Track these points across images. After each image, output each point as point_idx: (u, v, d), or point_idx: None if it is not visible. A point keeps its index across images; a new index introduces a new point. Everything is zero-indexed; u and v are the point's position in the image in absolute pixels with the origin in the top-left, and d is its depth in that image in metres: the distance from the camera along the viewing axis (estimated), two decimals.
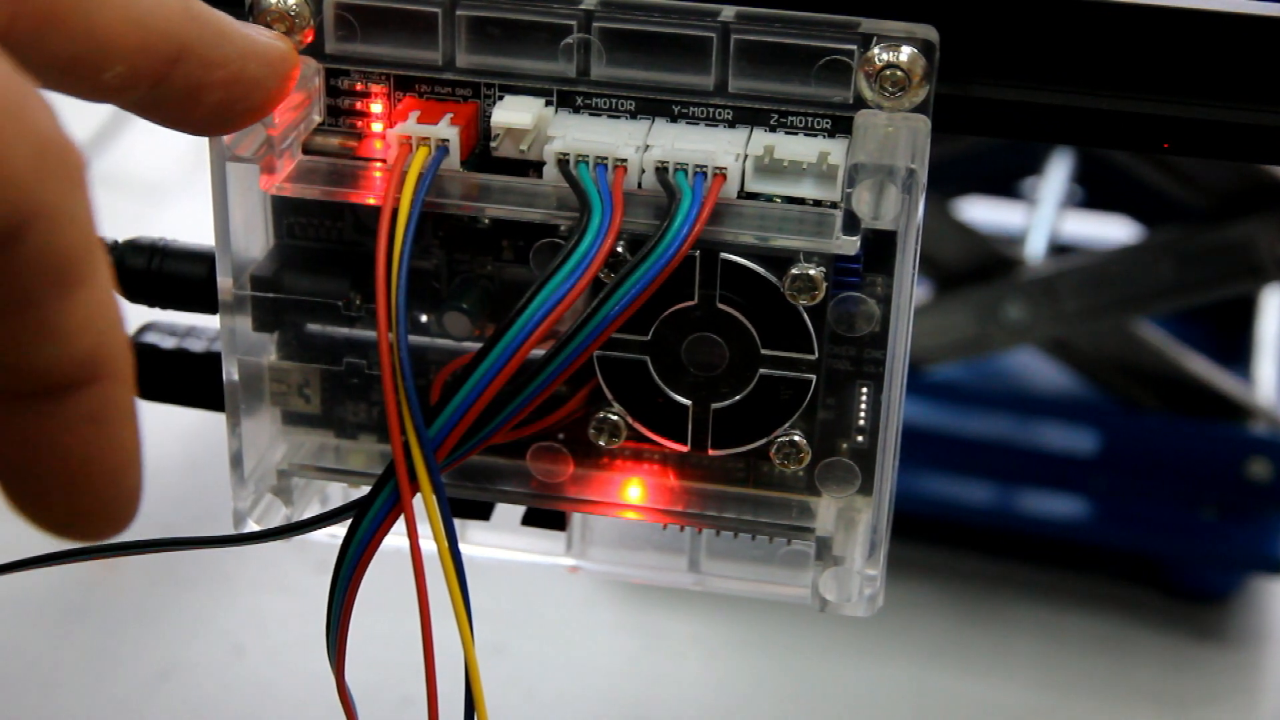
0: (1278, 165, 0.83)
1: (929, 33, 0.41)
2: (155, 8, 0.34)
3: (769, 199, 0.42)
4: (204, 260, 0.47)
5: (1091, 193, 1.07)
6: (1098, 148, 0.92)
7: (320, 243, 0.46)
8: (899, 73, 0.41)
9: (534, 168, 0.43)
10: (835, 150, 0.41)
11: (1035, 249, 0.95)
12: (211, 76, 0.36)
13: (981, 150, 1.00)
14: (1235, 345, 1.02)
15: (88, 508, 0.30)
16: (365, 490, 0.41)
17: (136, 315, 0.50)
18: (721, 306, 0.43)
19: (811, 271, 0.42)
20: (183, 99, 0.36)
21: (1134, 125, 0.43)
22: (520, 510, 0.48)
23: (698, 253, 0.42)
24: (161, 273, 0.48)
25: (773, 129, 0.42)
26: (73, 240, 0.28)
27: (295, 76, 0.40)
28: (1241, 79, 0.42)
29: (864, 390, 0.44)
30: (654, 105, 0.43)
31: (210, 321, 0.47)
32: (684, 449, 0.45)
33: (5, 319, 0.28)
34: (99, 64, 0.33)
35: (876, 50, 0.41)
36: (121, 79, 0.34)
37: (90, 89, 0.34)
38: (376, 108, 0.44)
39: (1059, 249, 0.98)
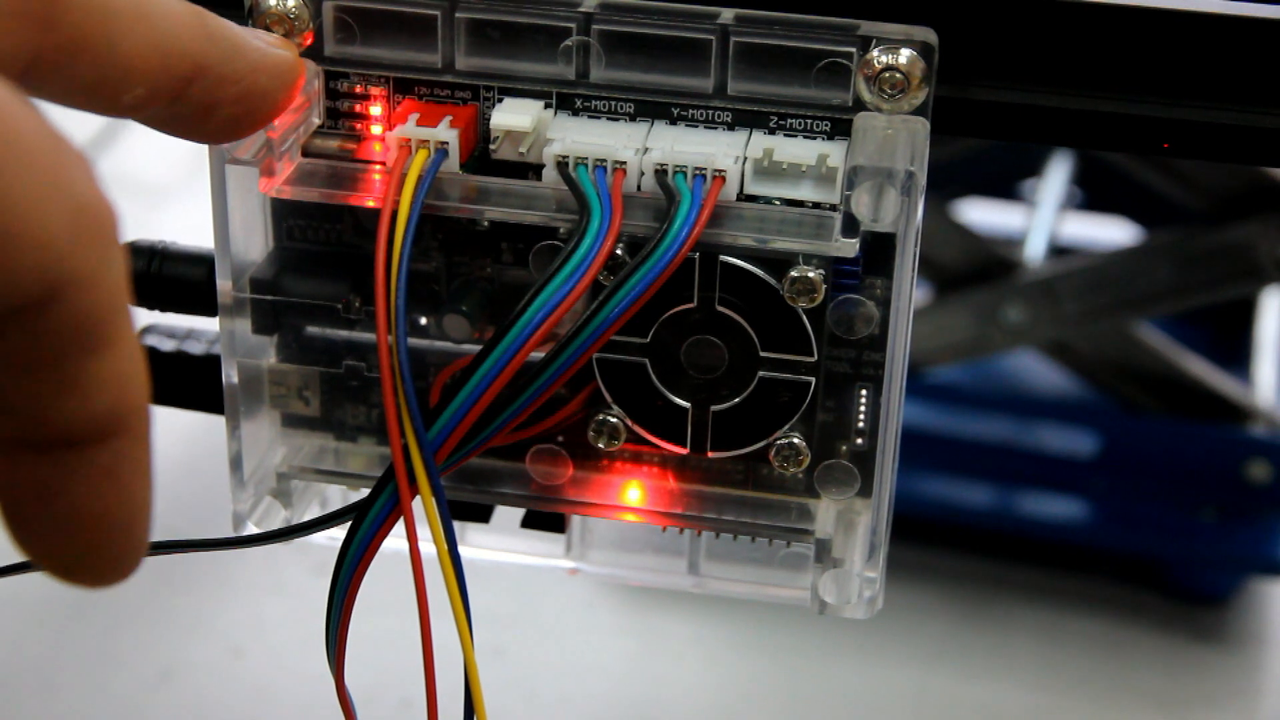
0: (1277, 167, 0.83)
1: (928, 35, 0.41)
2: (176, 30, 0.34)
3: (768, 201, 0.42)
4: (203, 263, 0.47)
5: (1091, 195, 1.07)
6: (1097, 150, 0.92)
7: (320, 245, 0.46)
8: (898, 75, 0.41)
9: (533, 170, 0.43)
10: (834, 152, 0.41)
11: (1035, 251, 0.95)
12: (225, 92, 0.37)
13: (981, 152, 1.00)
14: (1234, 347, 1.02)
15: (94, 557, 0.31)
16: (365, 493, 0.41)
17: (136, 318, 0.50)
18: (721, 309, 0.43)
19: (811, 274, 0.42)
20: (197, 114, 0.36)
21: (1133, 127, 0.43)
22: (520, 513, 0.48)
23: (697, 255, 0.42)
24: (161, 275, 0.48)
25: (772, 131, 0.42)
26: (103, 303, 0.28)
27: (301, 85, 0.40)
28: (1240, 81, 0.42)
29: (863, 392, 0.44)
30: (653, 108, 0.43)
31: (210, 324, 0.47)
32: (683, 451, 0.45)
33: (31, 375, 0.28)
34: (121, 87, 0.34)
35: (875, 53, 0.41)
36: (141, 99, 0.34)
37: (109, 109, 0.34)
38: (376, 110, 0.44)
39: (1058, 251, 0.98)
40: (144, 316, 0.49)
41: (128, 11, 0.33)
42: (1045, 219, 0.98)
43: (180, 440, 0.98)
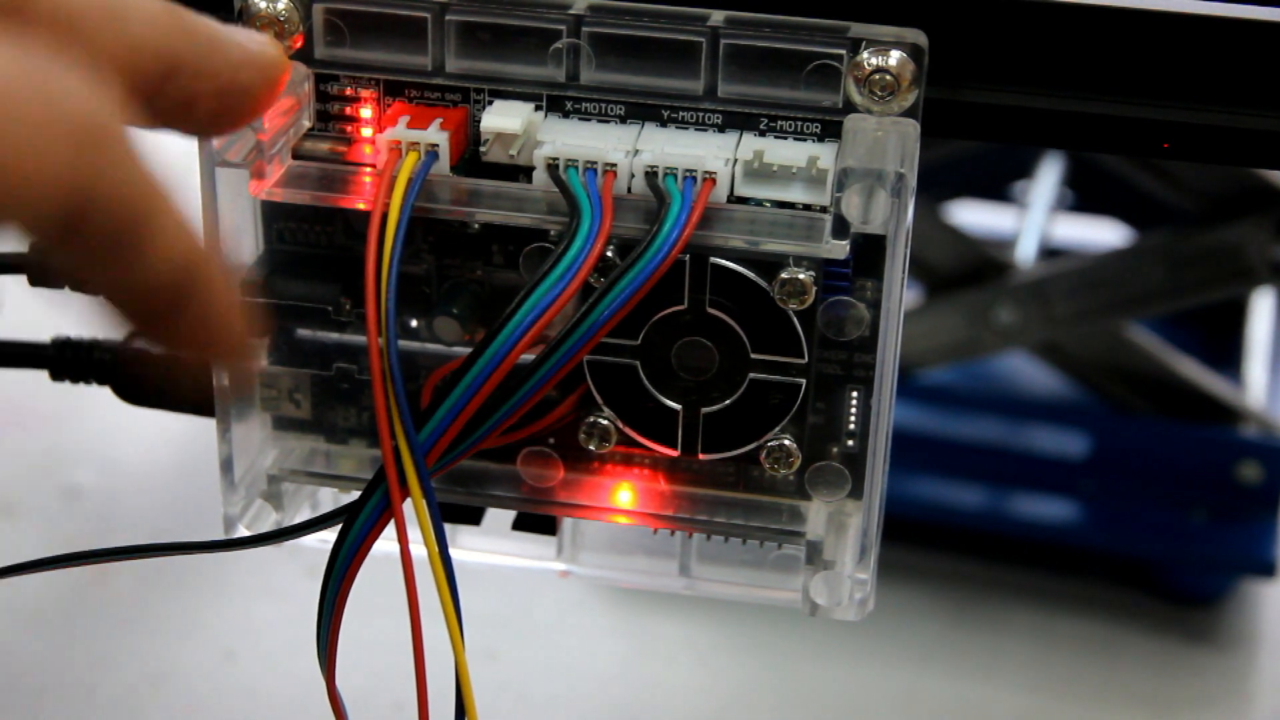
0: (1268, 169, 0.83)
1: (918, 37, 0.41)
2: (147, 27, 0.34)
3: (758, 203, 0.42)
4: None
5: (1082, 196, 1.07)
6: (1088, 151, 0.92)
7: (310, 248, 0.46)
8: (888, 77, 0.41)
9: (523, 172, 0.43)
10: (825, 154, 0.41)
11: (1026, 252, 0.95)
12: (203, 87, 0.37)
13: (971, 154, 1.00)
14: (1225, 348, 1.02)
15: (224, 366, 0.38)
16: (356, 495, 0.41)
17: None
18: (711, 311, 0.43)
19: (801, 276, 0.42)
20: (174, 110, 0.36)
21: (1124, 129, 0.44)
22: (511, 515, 0.48)
23: (687, 257, 0.42)
24: None
25: (762, 133, 0.42)
26: (130, 196, 0.31)
27: (285, 81, 0.40)
28: (1231, 83, 0.42)
29: (854, 394, 0.44)
30: (644, 110, 0.43)
31: None
32: (674, 453, 0.45)
33: (104, 268, 0.32)
34: None
35: (866, 55, 0.41)
36: None
37: None
38: (366, 113, 0.44)
39: (1049, 252, 0.98)
40: None
41: (97, 10, 0.33)
42: (1036, 221, 0.98)
43: (171, 443, 0.98)
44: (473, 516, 0.48)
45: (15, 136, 0.29)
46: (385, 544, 0.41)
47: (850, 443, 0.45)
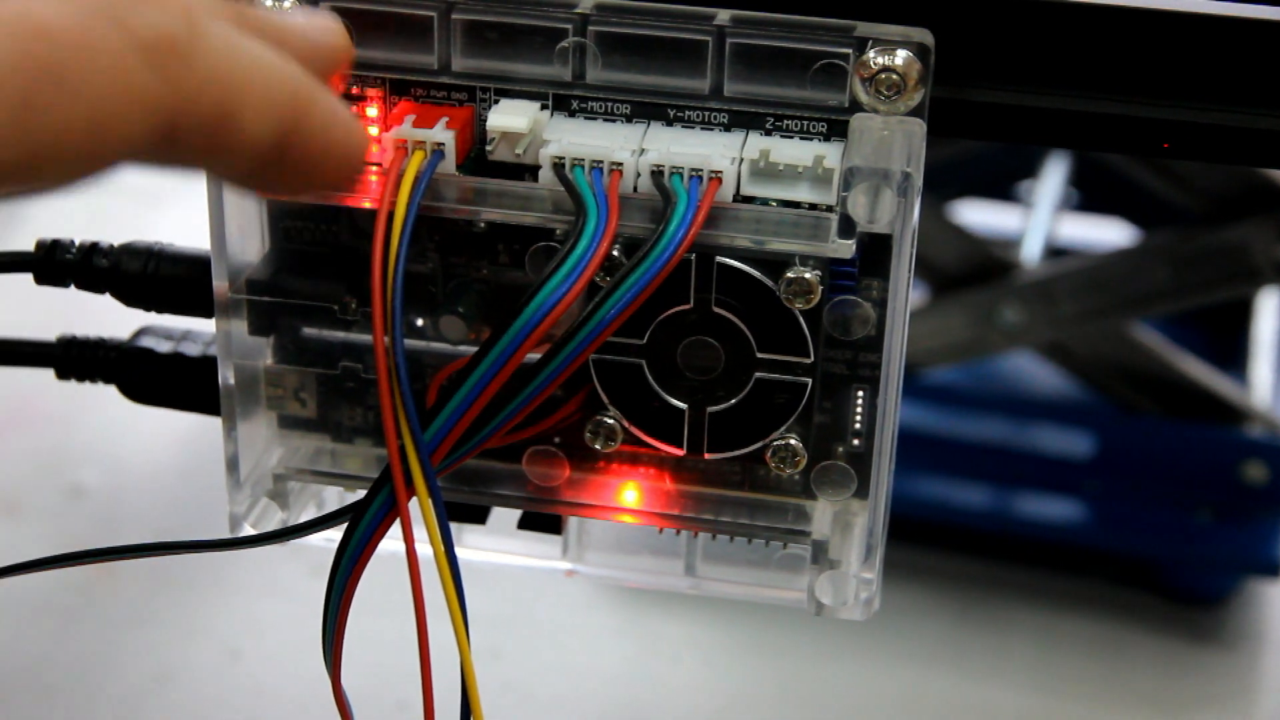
0: (1273, 168, 0.83)
1: (924, 36, 0.41)
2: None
3: (765, 202, 0.42)
4: (200, 264, 0.47)
5: (1087, 196, 1.07)
6: (1093, 151, 0.92)
7: (316, 247, 0.46)
8: (894, 76, 0.41)
9: (530, 171, 0.43)
10: (831, 154, 0.41)
11: (1031, 252, 0.95)
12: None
13: (977, 153, 1.00)
14: (1231, 348, 1.02)
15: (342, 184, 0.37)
16: (361, 494, 0.41)
17: (133, 319, 0.50)
18: (717, 310, 0.43)
19: (807, 275, 0.42)
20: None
21: (1129, 128, 0.43)
22: (516, 514, 0.48)
23: (693, 256, 0.42)
24: (158, 276, 0.48)
25: (768, 132, 0.42)
26: (214, 92, 0.32)
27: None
28: (1236, 83, 0.42)
29: (860, 394, 0.44)
30: (650, 109, 0.43)
31: (206, 325, 0.47)
32: (680, 453, 0.45)
33: (219, 146, 0.33)
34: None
35: (872, 54, 0.41)
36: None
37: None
38: (372, 111, 0.44)
39: (1055, 252, 0.98)
40: (141, 318, 0.49)
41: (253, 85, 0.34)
42: (1042, 220, 0.98)
43: (176, 442, 0.98)
44: (478, 515, 0.48)
45: (97, 71, 0.30)
46: (390, 543, 0.41)
47: (856, 442, 0.45)
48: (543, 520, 0.48)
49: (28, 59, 0.29)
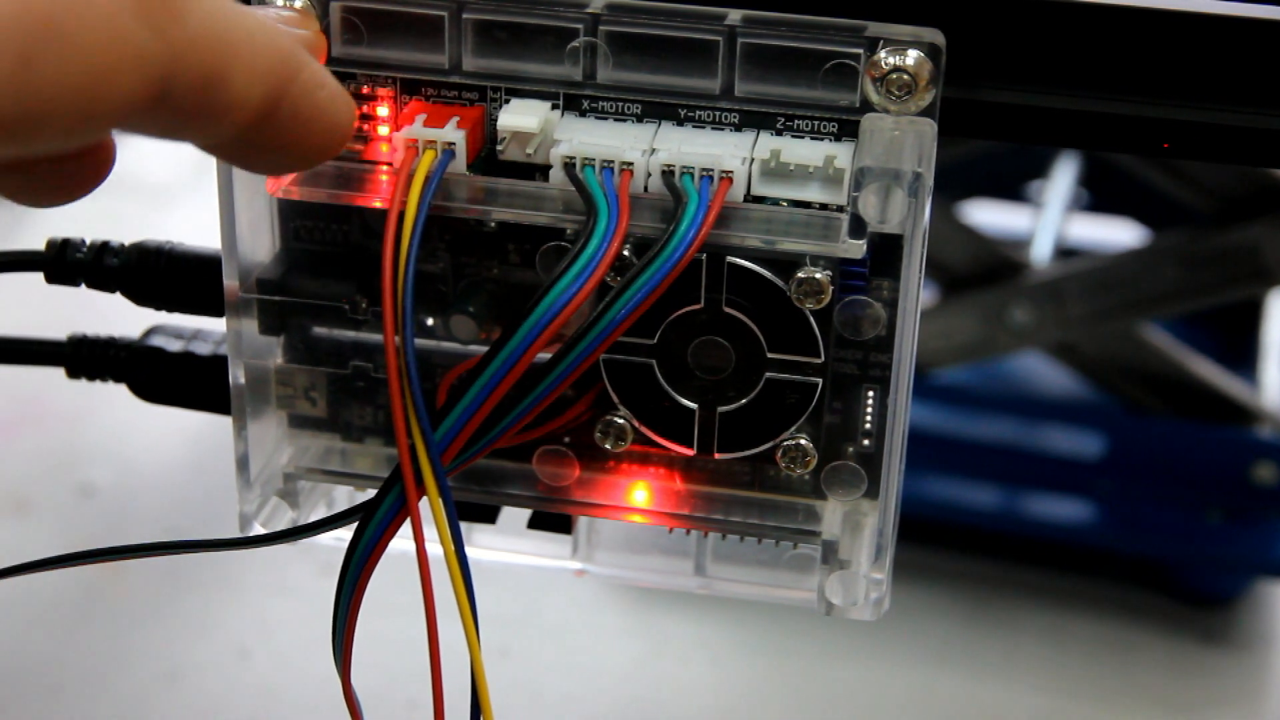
0: None
1: (935, 36, 0.41)
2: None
3: (775, 202, 0.42)
4: (211, 263, 0.47)
5: (1097, 196, 1.07)
6: (1103, 151, 0.92)
7: (326, 246, 0.46)
8: (905, 76, 0.41)
9: (540, 171, 0.43)
10: (841, 154, 0.41)
11: (1041, 252, 0.95)
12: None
13: (987, 154, 1.00)
14: (1241, 349, 1.02)
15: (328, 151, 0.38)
16: (371, 493, 0.41)
17: (143, 318, 0.50)
18: (728, 310, 0.43)
19: (818, 275, 0.42)
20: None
21: (1139, 129, 0.43)
22: (526, 514, 0.48)
23: (704, 256, 0.42)
24: (168, 275, 0.48)
25: (779, 132, 0.42)
26: (206, 45, 0.33)
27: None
28: (1246, 83, 0.42)
29: (870, 394, 0.44)
30: (660, 108, 0.43)
31: (217, 325, 0.48)
32: (690, 453, 0.45)
33: (208, 107, 0.33)
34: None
35: (883, 54, 0.41)
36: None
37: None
38: (383, 111, 0.44)
39: (1065, 252, 0.98)
40: (151, 317, 0.50)
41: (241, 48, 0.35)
42: (1052, 220, 0.98)
43: (186, 441, 0.98)
44: (488, 515, 0.48)
45: (94, 27, 0.30)
46: (401, 542, 0.41)
47: (866, 442, 0.45)
48: (552, 520, 0.48)
49: (27, 14, 0.29)
